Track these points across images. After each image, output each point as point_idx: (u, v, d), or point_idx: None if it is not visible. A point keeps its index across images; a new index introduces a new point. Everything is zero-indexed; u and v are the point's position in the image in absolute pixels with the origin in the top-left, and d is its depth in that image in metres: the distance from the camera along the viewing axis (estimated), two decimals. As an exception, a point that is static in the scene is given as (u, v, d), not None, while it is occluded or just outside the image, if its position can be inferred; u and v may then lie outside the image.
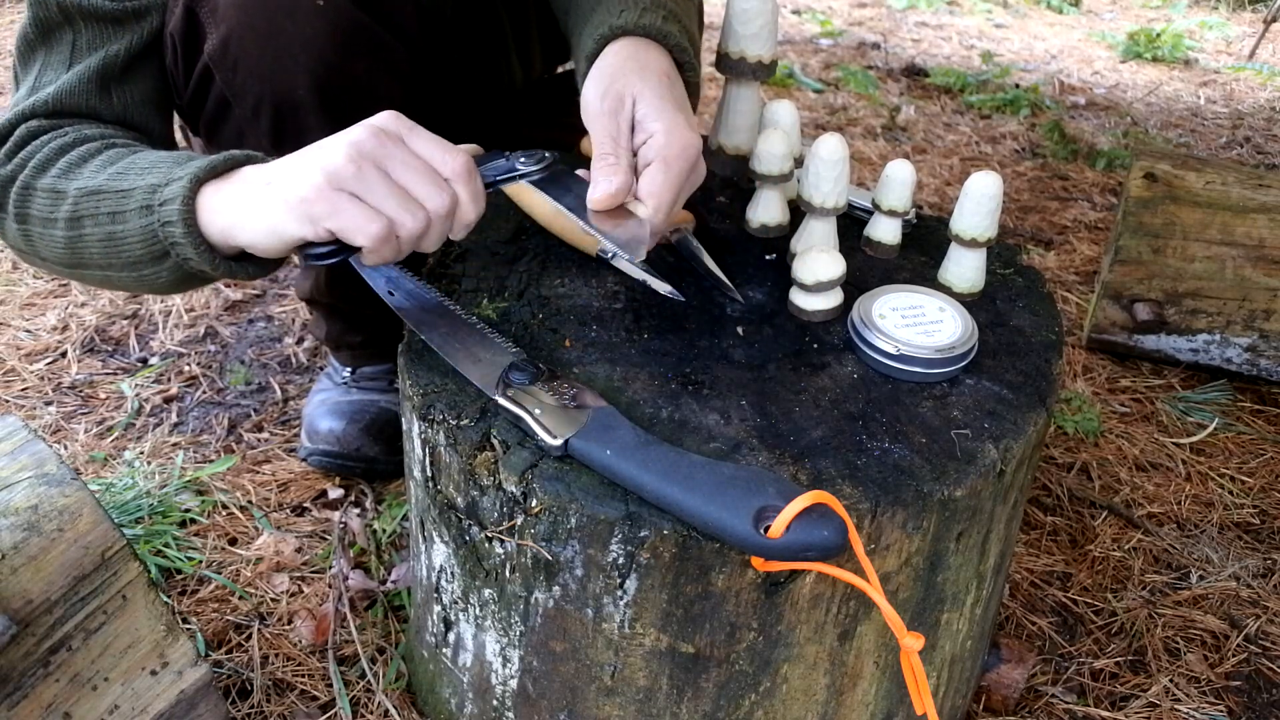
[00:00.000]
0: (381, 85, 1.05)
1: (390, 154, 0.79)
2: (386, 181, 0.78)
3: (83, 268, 0.94)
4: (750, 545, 0.70)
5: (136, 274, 0.91)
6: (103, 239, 0.89)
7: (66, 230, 0.91)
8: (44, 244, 0.94)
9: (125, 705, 0.90)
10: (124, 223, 0.87)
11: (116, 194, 0.87)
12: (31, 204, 0.93)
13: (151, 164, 0.89)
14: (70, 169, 0.92)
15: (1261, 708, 1.20)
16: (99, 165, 0.91)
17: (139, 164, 0.89)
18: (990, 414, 0.85)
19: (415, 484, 0.91)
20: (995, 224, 0.96)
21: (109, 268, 0.92)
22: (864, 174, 2.44)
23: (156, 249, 0.87)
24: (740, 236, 1.07)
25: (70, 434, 1.45)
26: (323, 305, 1.36)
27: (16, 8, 3.06)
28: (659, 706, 0.85)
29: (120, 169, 0.90)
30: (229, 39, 1.00)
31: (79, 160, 0.93)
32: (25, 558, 0.82)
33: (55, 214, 0.91)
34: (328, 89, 1.02)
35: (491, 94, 1.37)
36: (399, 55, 1.07)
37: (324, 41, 1.00)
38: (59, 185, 0.91)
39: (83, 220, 0.89)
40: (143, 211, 0.86)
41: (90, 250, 0.91)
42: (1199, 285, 1.71)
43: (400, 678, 1.12)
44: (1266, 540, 1.45)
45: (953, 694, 1.03)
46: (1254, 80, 3.54)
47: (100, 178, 0.89)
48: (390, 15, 1.06)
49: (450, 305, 0.91)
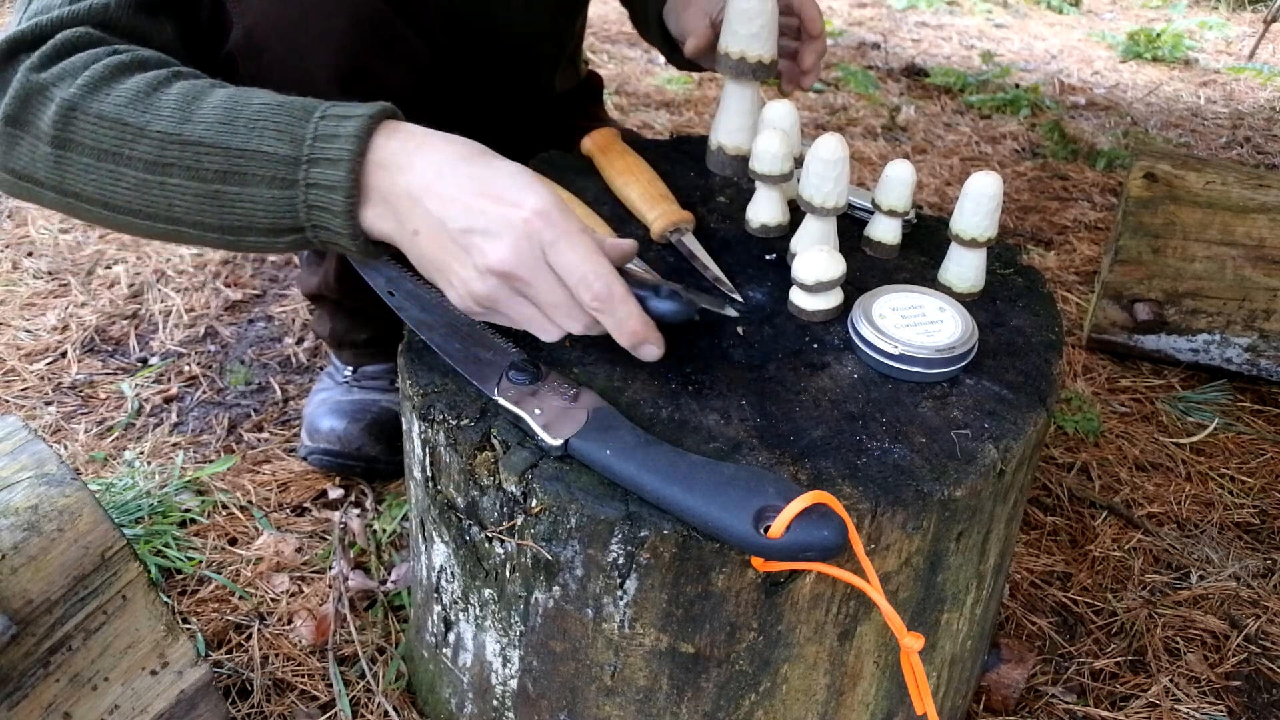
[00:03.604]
0: (396, 78, 1.06)
1: (525, 285, 0.76)
2: (526, 306, 0.78)
3: (143, 216, 0.83)
4: (750, 545, 0.70)
5: (233, 238, 0.83)
6: (202, 196, 0.80)
7: (144, 173, 0.80)
8: (90, 179, 0.82)
9: (125, 705, 0.90)
10: (242, 185, 0.79)
11: (227, 152, 0.79)
12: (80, 129, 0.81)
13: (260, 117, 0.80)
14: (139, 99, 0.81)
15: (1261, 708, 1.20)
16: (177, 103, 0.81)
17: (242, 114, 0.80)
18: (990, 414, 0.85)
19: (415, 484, 0.91)
20: (995, 224, 0.96)
21: (194, 226, 0.83)
22: (864, 174, 2.45)
23: (284, 223, 0.80)
24: (740, 236, 1.07)
25: (70, 434, 1.45)
26: (329, 302, 1.36)
27: (16, 8, 3.06)
28: (659, 706, 0.85)
29: (219, 117, 0.80)
30: (254, 29, 0.99)
31: (147, 89, 0.82)
32: (25, 558, 0.82)
33: (126, 151, 0.80)
34: (349, 81, 1.02)
35: (536, 101, 1.40)
36: (418, 51, 1.08)
37: (348, 34, 1.01)
38: (130, 118, 0.80)
39: (171, 169, 0.80)
40: (276, 183, 0.78)
41: (175, 203, 0.81)
42: (1199, 285, 1.71)
43: (400, 678, 1.12)
44: (1266, 540, 1.45)
45: (953, 694, 1.03)
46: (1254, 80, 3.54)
47: (194, 126, 0.80)
48: (414, 11, 1.07)
49: (450, 305, 0.91)
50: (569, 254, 0.76)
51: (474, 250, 0.76)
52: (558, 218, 0.76)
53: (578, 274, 0.76)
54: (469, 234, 0.76)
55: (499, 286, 0.77)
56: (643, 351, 0.81)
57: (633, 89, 2.91)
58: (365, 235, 0.81)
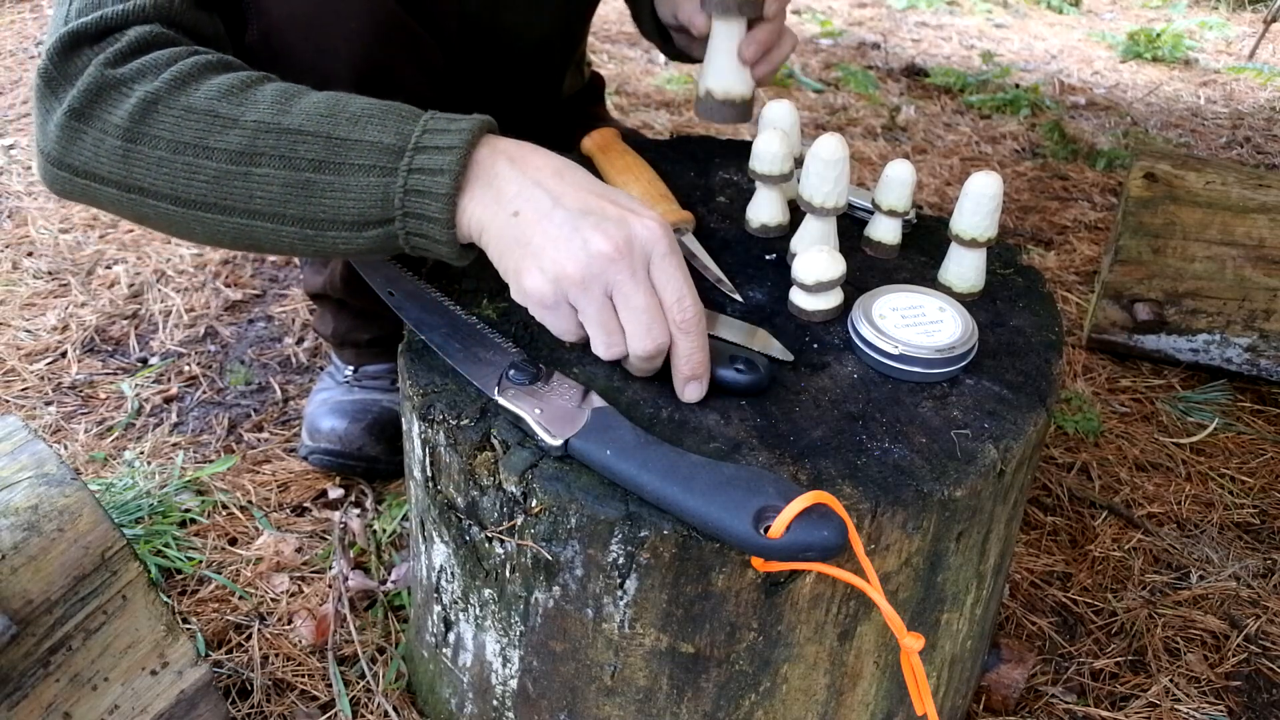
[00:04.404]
0: (412, 79, 1.06)
1: (623, 282, 0.76)
2: (605, 309, 0.77)
3: (213, 210, 0.82)
4: (750, 545, 0.70)
5: (311, 232, 0.82)
6: (291, 186, 0.80)
7: (229, 164, 0.80)
8: (161, 172, 0.81)
9: (125, 705, 0.90)
10: (337, 174, 0.79)
11: (328, 140, 0.79)
12: (160, 123, 0.80)
13: (364, 113, 0.81)
14: (233, 93, 0.81)
15: (1261, 708, 1.20)
16: (275, 98, 0.81)
17: (344, 109, 0.81)
18: (990, 414, 0.85)
19: (415, 484, 0.91)
20: (995, 224, 0.95)
21: (269, 219, 0.82)
22: (864, 174, 2.44)
23: (373, 214, 0.79)
24: (740, 236, 1.07)
25: (70, 434, 1.45)
26: (332, 301, 1.36)
27: (16, 8, 3.06)
28: (659, 706, 0.85)
29: (321, 111, 0.80)
30: (270, 29, 0.99)
31: (240, 85, 0.82)
32: (25, 558, 0.82)
33: (213, 142, 0.80)
34: (368, 81, 1.02)
35: (544, 104, 1.40)
36: (433, 53, 1.09)
37: (367, 35, 1.00)
38: (222, 109, 0.80)
39: (261, 159, 0.79)
40: (375, 171, 0.78)
41: (257, 194, 0.80)
42: (1199, 285, 1.71)
43: (400, 678, 1.12)
44: (1266, 540, 1.45)
45: (953, 694, 1.03)
46: (1254, 80, 3.54)
47: (293, 117, 0.80)
48: (429, 12, 1.08)
49: (450, 305, 0.91)
50: (675, 272, 0.77)
51: (586, 231, 0.76)
52: (672, 239, 0.78)
53: (677, 290, 0.77)
54: (586, 216, 0.76)
55: (596, 277, 0.75)
56: (690, 390, 0.82)
57: (633, 89, 2.91)
58: (456, 226, 0.80)
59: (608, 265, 0.75)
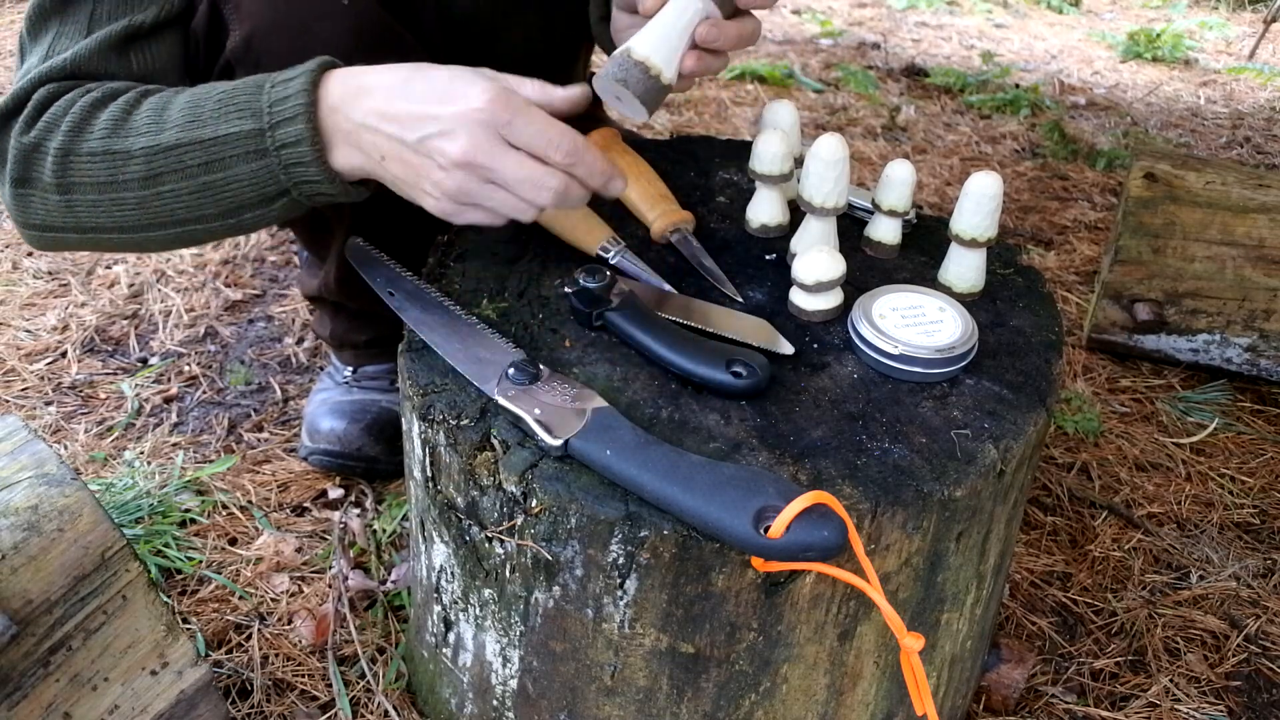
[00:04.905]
0: None
1: (494, 167, 0.81)
2: (497, 192, 0.83)
3: (153, 229, 0.92)
4: (750, 545, 0.70)
5: (235, 220, 0.91)
6: (195, 191, 0.88)
7: (141, 190, 0.89)
8: (99, 211, 0.91)
9: (125, 705, 0.90)
10: (224, 170, 0.87)
11: (202, 144, 0.87)
12: (78, 171, 0.89)
13: (221, 105, 0.87)
14: (117, 127, 0.89)
15: (1261, 708, 1.20)
16: (150, 117, 0.89)
17: (205, 108, 0.87)
18: (990, 414, 0.85)
19: (415, 484, 0.91)
20: (995, 224, 0.96)
21: (198, 221, 0.91)
22: (864, 174, 2.44)
23: (270, 190, 0.88)
24: (740, 236, 1.07)
25: (70, 434, 1.45)
26: (329, 303, 1.36)
27: (17, 8, 3.06)
28: (659, 706, 0.85)
29: (186, 117, 0.88)
30: (253, 36, 1.00)
31: (122, 115, 0.89)
32: (25, 558, 0.82)
33: (122, 176, 0.88)
34: None
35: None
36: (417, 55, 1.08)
37: (349, 41, 1.00)
38: (115, 146, 0.88)
39: (163, 178, 0.88)
40: (251, 156, 0.86)
41: (174, 206, 0.89)
42: (1199, 285, 1.71)
43: (400, 678, 1.12)
44: (1266, 540, 1.45)
45: (953, 694, 1.03)
46: (1254, 80, 3.54)
47: (169, 133, 0.87)
48: (413, 16, 1.08)
49: (450, 305, 0.91)
50: (528, 128, 0.81)
51: (435, 153, 0.81)
52: (506, 101, 0.81)
53: (543, 140, 0.82)
54: (427, 140, 0.82)
55: (467, 178, 0.82)
56: (612, 186, 0.87)
57: (633, 89, 2.91)
58: (341, 176, 0.87)
59: (470, 168, 0.81)
